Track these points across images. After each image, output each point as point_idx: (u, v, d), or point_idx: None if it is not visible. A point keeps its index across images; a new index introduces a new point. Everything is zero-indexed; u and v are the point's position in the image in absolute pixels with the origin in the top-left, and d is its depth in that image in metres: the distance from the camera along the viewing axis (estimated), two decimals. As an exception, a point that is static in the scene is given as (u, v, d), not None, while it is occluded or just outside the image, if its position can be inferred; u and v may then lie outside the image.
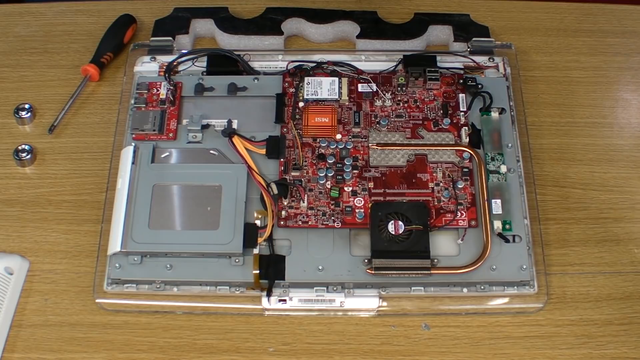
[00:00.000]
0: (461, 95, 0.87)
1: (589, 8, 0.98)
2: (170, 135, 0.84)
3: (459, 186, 0.81)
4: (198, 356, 0.75)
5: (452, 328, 0.77)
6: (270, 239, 0.78)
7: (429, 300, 0.78)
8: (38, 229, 0.82)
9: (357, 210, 0.80)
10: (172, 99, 0.86)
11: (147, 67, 0.90)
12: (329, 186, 0.81)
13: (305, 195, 0.80)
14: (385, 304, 0.77)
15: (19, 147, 0.86)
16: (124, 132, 0.85)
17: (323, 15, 0.94)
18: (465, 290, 0.77)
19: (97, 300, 0.77)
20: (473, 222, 0.79)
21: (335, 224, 0.79)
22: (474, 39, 0.91)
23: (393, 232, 0.77)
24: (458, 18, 0.94)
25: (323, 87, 0.87)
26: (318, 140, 0.84)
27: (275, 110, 0.85)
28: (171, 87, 0.87)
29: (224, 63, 0.90)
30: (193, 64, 0.90)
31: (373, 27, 0.93)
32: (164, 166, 0.82)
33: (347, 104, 0.86)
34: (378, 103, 0.86)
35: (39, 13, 0.98)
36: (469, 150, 0.83)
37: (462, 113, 0.85)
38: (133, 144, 0.83)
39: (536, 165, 0.85)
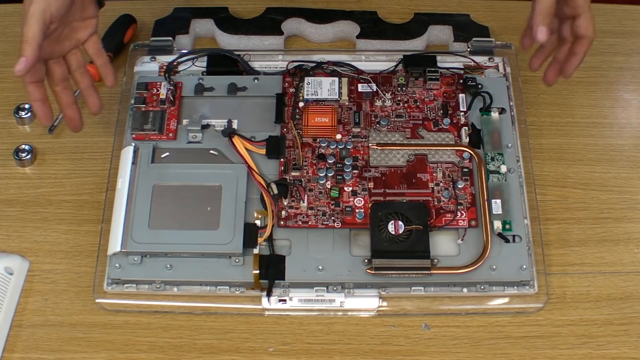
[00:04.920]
0: (461, 95, 0.87)
1: (589, 8, 0.98)
2: (170, 135, 0.84)
3: (459, 186, 0.81)
4: (198, 356, 0.75)
5: (452, 328, 0.77)
6: (270, 239, 0.78)
7: (429, 300, 0.78)
8: (38, 229, 0.82)
9: (357, 210, 0.80)
10: (172, 99, 0.86)
11: (147, 67, 0.90)
12: (329, 186, 0.81)
13: (305, 195, 0.80)
14: (385, 304, 0.77)
15: (19, 147, 0.86)
16: (124, 132, 0.85)
17: (323, 15, 0.94)
18: (465, 290, 0.77)
19: (97, 300, 0.77)
20: (473, 222, 0.79)
21: (335, 224, 0.79)
22: (474, 39, 0.91)
23: (393, 232, 0.78)
24: (458, 18, 0.94)
25: (323, 87, 0.87)
26: (318, 140, 0.84)
27: (275, 110, 0.85)
28: (171, 87, 0.87)
29: (224, 63, 0.90)
30: (193, 64, 0.90)
31: (373, 27, 0.93)
32: (164, 166, 0.82)
33: (347, 104, 0.86)
34: (378, 103, 0.86)
35: (39, 13, 0.98)
36: (469, 150, 0.83)
37: (462, 113, 0.85)
38: (133, 144, 0.83)
39: (536, 165, 0.85)
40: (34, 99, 0.76)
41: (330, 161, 0.82)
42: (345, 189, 0.81)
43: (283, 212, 0.80)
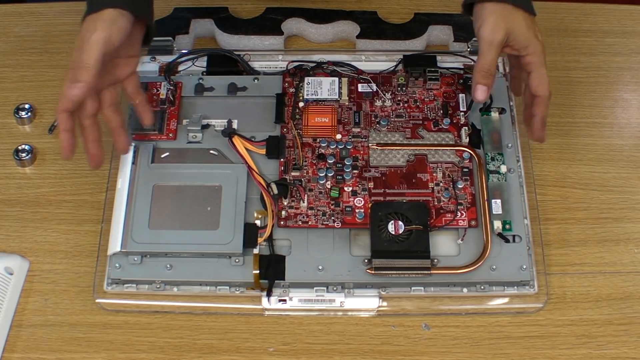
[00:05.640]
0: (461, 95, 0.87)
1: (589, 8, 0.98)
2: (170, 135, 0.84)
3: (459, 186, 0.81)
4: (198, 356, 0.75)
5: (452, 328, 0.77)
6: (270, 239, 0.78)
7: (429, 300, 0.78)
8: (38, 229, 0.82)
9: (357, 210, 0.80)
10: (172, 99, 0.86)
11: (147, 67, 0.89)
12: (329, 186, 0.81)
13: (305, 195, 0.80)
14: (385, 304, 0.77)
15: (19, 147, 0.86)
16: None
17: (323, 15, 0.94)
18: (465, 290, 0.77)
19: (97, 300, 0.77)
20: (473, 222, 0.79)
21: (335, 224, 0.79)
22: (474, 39, 0.91)
23: (393, 232, 0.77)
24: (458, 18, 0.94)
25: (323, 87, 0.87)
26: (318, 140, 0.84)
27: (275, 110, 0.85)
28: (171, 87, 0.87)
29: (224, 63, 0.90)
30: (193, 64, 0.90)
31: (373, 27, 0.93)
32: (164, 166, 0.82)
33: (347, 104, 0.86)
34: (378, 103, 0.86)
35: (39, 13, 0.98)
36: (469, 150, 0.83)
37: (462, 113, 0.85)
38: (133, 144, 0.83)
39: (536, 165, 0.85)
40: (63, 128, 0.74)
41: (330, 161, 0.82)
42: (345, 189, 0.81)
43: (283, 212, 0.80)
